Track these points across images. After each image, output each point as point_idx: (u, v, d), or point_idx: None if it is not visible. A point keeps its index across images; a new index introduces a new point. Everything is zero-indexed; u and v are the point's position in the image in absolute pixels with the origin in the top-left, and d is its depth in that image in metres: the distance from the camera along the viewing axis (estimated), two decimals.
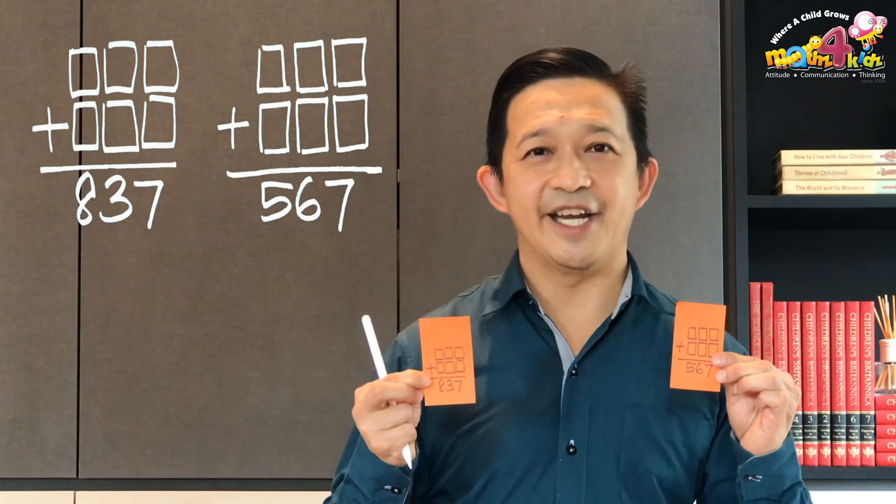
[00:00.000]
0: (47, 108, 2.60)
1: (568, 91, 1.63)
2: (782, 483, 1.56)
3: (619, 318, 1.67)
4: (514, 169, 1.64)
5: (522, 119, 1.63)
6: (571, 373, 1.63)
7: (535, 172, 1.62)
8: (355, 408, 1.55)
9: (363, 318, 1.57)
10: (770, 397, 1.50)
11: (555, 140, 1.62)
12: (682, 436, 1.63)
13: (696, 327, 1.55)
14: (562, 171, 1.60)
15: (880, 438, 2.51)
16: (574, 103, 1.62)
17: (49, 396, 2.56)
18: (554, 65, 1.63)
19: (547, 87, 1.63)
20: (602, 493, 1.60)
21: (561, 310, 1.67)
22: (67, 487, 2.56)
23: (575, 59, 1.65)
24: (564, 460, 1.61)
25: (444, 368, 1.53)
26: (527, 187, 1.62)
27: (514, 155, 1.64)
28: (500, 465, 1.61)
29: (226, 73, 2.60)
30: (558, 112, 1.61)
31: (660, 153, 2.55)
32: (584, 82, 1.64)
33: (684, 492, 1.65)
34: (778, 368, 1.55)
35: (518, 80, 1.66)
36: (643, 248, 2.53)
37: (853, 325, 2.53)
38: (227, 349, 2.56)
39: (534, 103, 1.63)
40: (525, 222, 1.65)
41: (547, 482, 1.60)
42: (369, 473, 1.57)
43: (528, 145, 1.62)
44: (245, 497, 2.54)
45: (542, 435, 1.61)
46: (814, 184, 2.54)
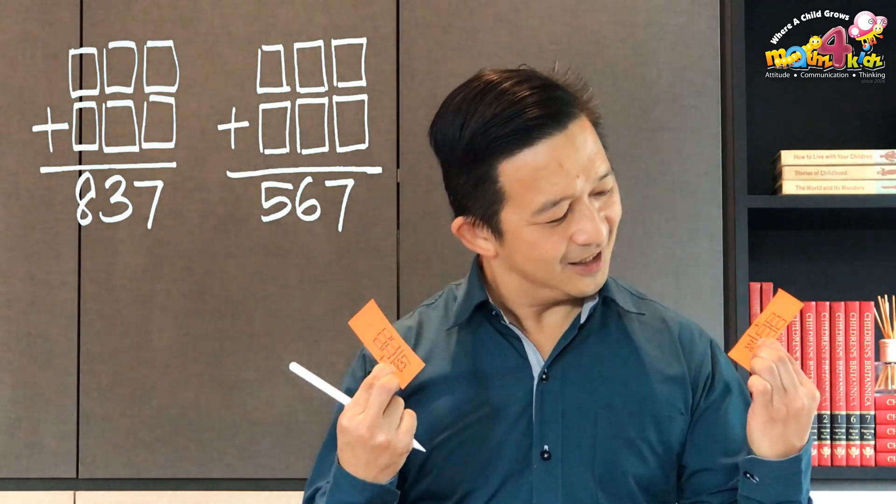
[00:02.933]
0: (47, 108, 2.60)
1: (572, 148, 1.55)
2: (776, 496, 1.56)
3: (587, 321, 1.67)
4: (531, 232, 1.57)
5: (533, 185, 1.55)
6: (542, 378, 1.63)
7: (558, 234, 1.57)
8: (361, 429, 1.51)
9: (291, 366, 1.61)
10: (755, 382, 1.52)
11: (573, 200, 1.57)
12: (657, 433, 1.63)
13: (777, 315, 1.58)
14: (590, 230, 1.56)
15: (880, 438, 2.51)
16: (583, 161, 1.56)
17: (49, 396, 2.56)
18: (546, 124, 1.54)
19: (550, 147, 1.55)
20: (579, 497, 1.60)
21: (528, 317, 1.67)
22: (67, 487, 2.56)
23: (559, 103, 1.56)
24: (539, 466, 1.60)
25: (388, 352, 1.56)
26: (553, 249, 1.57)
27: (527, 219, 1.57)
28: (477, 475, 1.61)
29: (226, 73, 2.60)
30: (574, 176, 1.55)
31: (660, 153, 2.56)
32: (576, 127, 1.56)
33: (662, 488, 1.66)
34: (803, 376, 1.55)
35: (508, 142, 1.54)
36: (643, 247, 2.53)
37: (853, 325, 2.53)
38: (227, 349, 2.56)
39: (544, 169, 1.54)
40: (543, 272, 1.60)
41: (523, 489, 1.60)
42: (355, 500, 1.55)
43: (554, 213, 1.55)
44: (245, 497, 2.54)
45: (517, 442, 1.61)
46: (814, 184, 2.54)
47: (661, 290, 2.44)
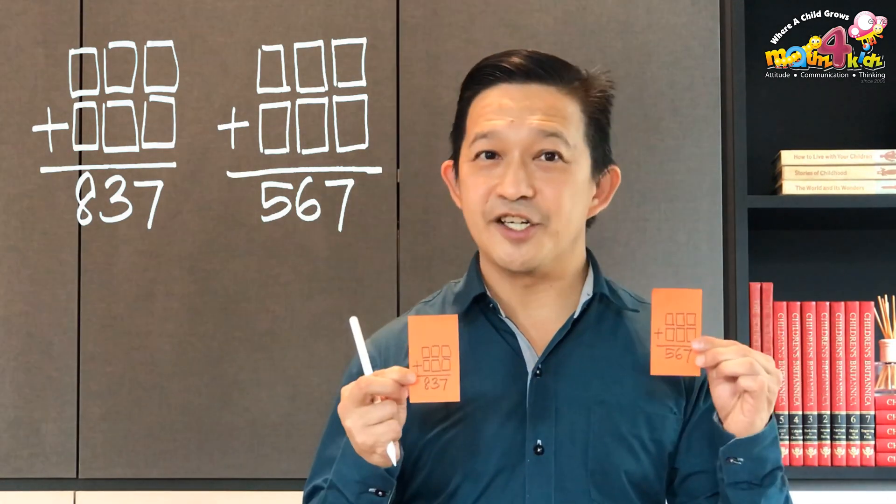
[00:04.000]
0: (47, 108, 2.60)
1: (522, 97, 1.64)
2: (763, 466, 1.57)
3: (581, 317, 1.68)
4: (465, 169, 1.67)
5: (476, 120, 1.65)
6: (536, 373, 1.64)
7: (482, 177, 1.64)
8: (341, 404, 1.56)
9: (351, 320, 1.59)
10: (748, 382, 1.52)
11: (504, 145, 1.63)
12: (650, 431, 1.64)
13: (674, 313, 1.56)
14: (506, 180, 1.62)
15: (880, 438, 2.51)
16: (526, 110, 1.63)
17: (49, 396, 2.56)
18: (513, 70, 1.64)
19: (503, 91, 1.65)
20: (571, 492, 1.61)
21: (521, 312, 1.69)
22: (67, 487, 2.56)
23: (535, 64, 1.65)
24: (532, 460, 1.62)
25: (430, 366, 1.54)
26: (474, 191, 1.64)
27: (466, 155, 1.67)
28: (469, 468, 1.62)
29: (226, 73, 2.60)
30: (509, 117, 1.63)
31: (660, 153, 2.56)
32: (540, 89, 1.65)
33: (654, 486, 1.66)
34: (758, 352, 1.56)
35: (478, 82, 1.67)
36: (643, 248, 2.53)
37: (853, 325, 2.53)
38: (227, 349, 2.56)
39: (487, 106, 1.65)
40: (472, 224, 1.67)
41: (516, 483, 1.61)
42: (353, 476, 1.57)
43: (478, 147, 1.64)
44: (245, 497, 2.54)
45: (510, 436, 1.62)
46: (814, 184, 2.54)
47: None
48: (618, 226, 2.53)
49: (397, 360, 1.68)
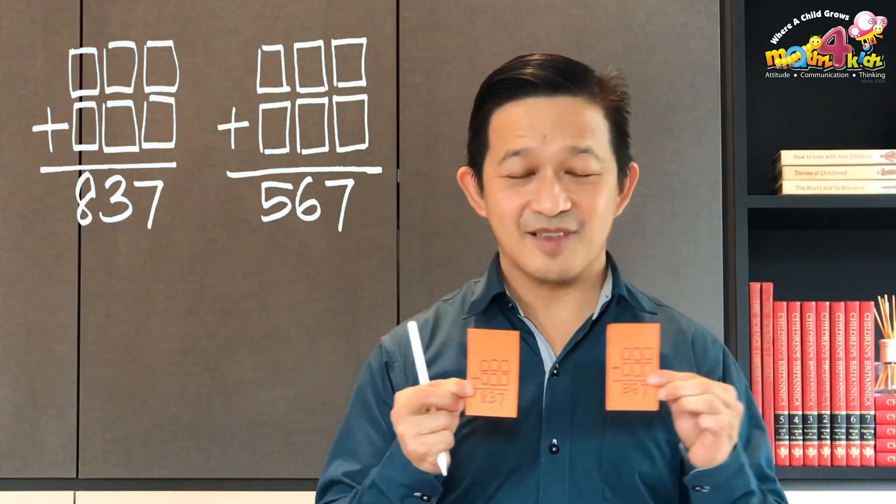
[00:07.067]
0: (47, 108, 2.60)
1: (551, 112, 1.62)
2: (731, 493, 1.57)
3: (599, 318, 1.68)
4: (495, 184, 1.65)
5: (504, 135, 1.63)
6: (553, 373, 1.65)
7: (516, 193, 1.63)
8: (395, 410, 1.56)
9: (409, 325, 1.59)
10: (708, 421, 1.51)
11: (536, 161, 1.62)
12: (665, 433, 1.64)
13: (630, 347, 1.56)
14: (542, 196, 1.61)
15: (880, 438, 2.51)
16: (557, 125, 1.62)
17: (49, 396, 2.56)
18: (537, 83, 1.62)
19: (530, 105, 1.62)
20: (585, 492, 1.61)
21: (541, 311, 1.69)
22: (67, 487, 2.56)
23: (559, 75, 1.63)
24: (547, 459, 1.62)
25: (488, 380, 1.55)
26: (507, 206, 1.63)
27: (496, 170, 1.65)
28: (484, 466, 1.63)
29: (226, 73, 2.60)
30: (541, 133, 1.61)
31: (660, 153, 2.56)
32: (566, 101, 1.63)
33: (668, 489, 1.66)
34: (718, 385, 1.55)
35: (500, 93, 1.65)
36: (643, 248, 2.53)
37: (853, 325, 2.53)
38: (227, 349, 2.56)
39: (516, 122, 1.62)
40: (505, 235, 1.66)
41: (530, 481, 1.62)
42: (400, 479, 1.57)
43: (510, 165, 1.63)
44: (245, 497, 2.54)
45: (525, 435, 1.63)
46: (814, 184, 2.54)
47: (661, 290, 2.44)
48: (618, 226, 2.51)
49: (405, 362, 1.70)
